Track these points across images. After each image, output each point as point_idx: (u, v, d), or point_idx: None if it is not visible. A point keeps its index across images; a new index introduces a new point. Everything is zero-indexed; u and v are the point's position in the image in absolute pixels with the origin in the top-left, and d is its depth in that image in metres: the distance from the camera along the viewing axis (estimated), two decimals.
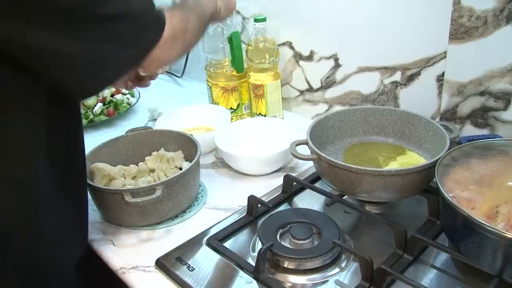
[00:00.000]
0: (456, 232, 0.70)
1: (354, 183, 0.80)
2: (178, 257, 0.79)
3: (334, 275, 0.74)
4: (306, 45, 1.23)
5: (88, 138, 0.75)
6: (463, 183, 0.73)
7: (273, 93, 1.20)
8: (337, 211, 0.89)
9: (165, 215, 0.90)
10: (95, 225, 0.92)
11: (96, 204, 0.92)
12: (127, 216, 0.88)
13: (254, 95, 1.22)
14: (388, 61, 1.05)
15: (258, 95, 1.21)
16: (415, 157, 0.95)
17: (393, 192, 0.81)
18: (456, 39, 0.91)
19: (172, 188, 0.87)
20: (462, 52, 0.91)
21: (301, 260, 0.74)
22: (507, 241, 0.61)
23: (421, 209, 0.87)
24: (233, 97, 1.26)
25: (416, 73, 1.01)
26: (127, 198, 0.82)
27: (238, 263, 0.77)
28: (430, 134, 0.93)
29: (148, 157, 1.03)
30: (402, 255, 0.76)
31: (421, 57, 0.99)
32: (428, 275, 0.74)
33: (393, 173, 0.77)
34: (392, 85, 1.07)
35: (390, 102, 1.09)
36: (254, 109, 1.25)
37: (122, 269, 0.80)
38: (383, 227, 0.81)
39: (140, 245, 0.86)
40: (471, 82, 0.92)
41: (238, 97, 1.26)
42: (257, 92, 1.20)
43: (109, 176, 0.94)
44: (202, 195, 0.98)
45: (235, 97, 1.26)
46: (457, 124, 0.97)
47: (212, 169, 1.10)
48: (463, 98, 0.95)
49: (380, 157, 0.96)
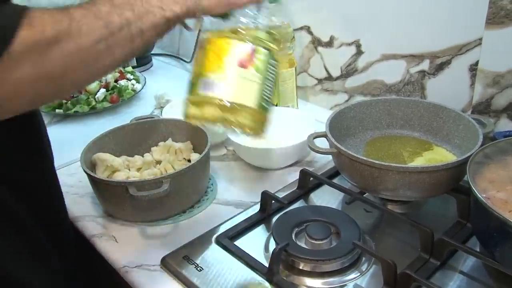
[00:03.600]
0: (490, 237, 0.68)
1: (376, 179, 0.78)
2: (186, 256, 0.78)
3: (353, 279, 0.73)
4: (326, 30, 1.20)
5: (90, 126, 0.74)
6: (498, 182, 0.70)
7: (287, 82, 1.18)
8: (357, 210, 0.87)
9: (172, 211, 0.89)
10: (97, 220, 0.91)
11: (98, 197, 0.91)
12: (131, 210, 0.87)
13: None
14: (416, 48, 1.03)
15: None
16: (443, 153, 0.93)
17: (419, 191, 0.79)
18: (494, 23, 0.88)
19: (180, 182, 0.85)
20: (500, 38, 0.88)
21: (317, 262, 0.73)
22: None
23: (449, 209, 0.85)
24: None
25: (446, 62, 0.98)
26: (132, 191, 0.81)
27: (250, 264, 0.75)
28: (460, 129, 0.90)
29: (155, 147, 1.02)
30: (428, 259, 0.74)
31: (452, 44, 0.96)
32: (457, 282, 0.72)
33: (420, 170, 0.75)
34: (419, 75, 1.04)
35: (416, 93, 1.07)
36: None
37: (125, 268, 0.79)
38: (407, 228, 0.79)
39: (145, 242, 0.85)
40: (509, 72, 0.89)
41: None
42: None
43: (112, 167, 0.93)
44: (212, 190, 0.97)
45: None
46: (492, 118, 0.95)
47: (223, 161, 1.08)
48: (499, 90, 0.92)
49: (404, 152, 0.93)
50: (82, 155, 0.90)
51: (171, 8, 0.60)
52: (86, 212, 0.93)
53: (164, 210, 0.88)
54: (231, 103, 0.65)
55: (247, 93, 0.66)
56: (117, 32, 0.55)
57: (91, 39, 0.53)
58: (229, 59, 0.67)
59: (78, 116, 1.31)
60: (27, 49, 0.48)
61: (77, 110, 1.29)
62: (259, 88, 0.67)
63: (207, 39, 0.69)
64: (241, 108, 0.65)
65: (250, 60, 0.67)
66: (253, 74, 0.67)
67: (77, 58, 0.53)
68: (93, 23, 0.54)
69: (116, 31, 0.55)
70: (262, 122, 0.68)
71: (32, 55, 0.48)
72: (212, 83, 0.66)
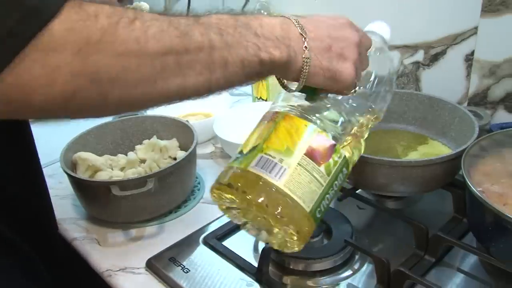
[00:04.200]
0: (486, 231, 0.69)
1: (369, 175, 0.79)
2: (172, 258, 0.79)
3: (346, 278, 0.74)
4: None
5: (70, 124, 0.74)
6: (494, 175, 0.71)
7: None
8: (350, 207, 0.88)
9: (157, 211, 0.89)
10: (78, 223, 0.91)
11: (79, 199, 0.92)
12: (115, 211, 0.87)
13: None
14: (409, 38, 1.04)
15: None
16: (439, 146, 0.94)
17: (413, 186, 0.80)
18: (489, 11, 0.89)
19: (165, 181, 0.86)
20: (496, 27, 0.90)
21: (309, 261, 0.74)
22: None
23: (445, 205, 0.86)
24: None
25: (441, 52, 1.00)
26: (115, 191, 0.81)
27: (238, 264, 0.76)
28: (456, 121, 0.92)
29: (139, 146, 1.03)
30: (423, 256, 0.76)
31: (447, 34, 0.97)
32: (453, 279, 0.73)
33: (413, 164, 0.76)
34: (413, 66, 1.06)
35: (411, 85, 1.08)
36: (255, 93, 1.24)
37: (108, 272, 0.79)
38: (401, 225, 0.81)
39: (129, 244, 0.85)
40: (506, 62, 0.91)
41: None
42: None
43: (94, 167, 0.93)
44: (199, 189, 0.98)
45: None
46: (488, 109, 0.96)
47: (211, 159, 1.09)
48: (496, 80, 0.93)
49: (398, 146, 0.94)
50: (61, 155, 0.90)
51: (269, 50, 0.52)
52: (67, 214, 0.93)
53: (149, 211, 0.88)
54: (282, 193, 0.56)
55: (306, 192, 0.58)
56: (194, 51, 0.47)
57: (158, 45, 0.45)
58: (302, 145, 0.59)
59: None
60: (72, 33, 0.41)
61: None
62: (321, 192, 0.59)
63: (284, 113, 0.62)
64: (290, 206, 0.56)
65: (325, 157, 0.60)
66: (322, 174, 0.59)
67: (135, 63, 0.44)
68: (166, 29, 0.46)
69: (193, 50, 0.47)
70: (303, 235, 0.58)
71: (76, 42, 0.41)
72: (273, 164, 0.57)
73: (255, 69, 0.52)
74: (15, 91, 0.40)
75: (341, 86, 0.59)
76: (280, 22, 0.55)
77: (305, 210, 0.57)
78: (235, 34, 0.50)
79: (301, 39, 0.55)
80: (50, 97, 0.41)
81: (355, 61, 0.60)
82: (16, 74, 0.39)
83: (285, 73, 0.56)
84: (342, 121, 0.64)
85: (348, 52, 0.59)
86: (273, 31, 0.54)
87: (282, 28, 0.55)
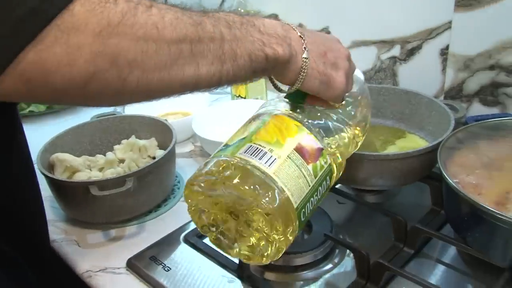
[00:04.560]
0: (462, 222, 0.70)
1: (346, 169, 0.79)
2: (153, 256, 0.79)
3: (327, 271, 0.75)
4: (294, 18, 1.22)
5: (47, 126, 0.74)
6: (469, 167, 0.73)
7: None
8: (330, 202, 0.89)
9: (137, 210, 0.89)
10: (57, 224, 0.91)
11: (57, 200, 0.91)
12: (94, 212, 0.87)
13: None
14: (386, 33, 1.06)
15: None
16: (416, 140, 0.95)
17: (392, 179, 0.81)
18: (462, 6, 0.91)
19: (144, 180, 0.86)
20: (469, 21, 0.92)
21: (289, 256, 0.74)
22: None
23: (423, 198, 0.88)
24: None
25: (417, 47, 1.01)
26: (93, 191, 0.81)
27: (220, 261, 0.77)
28: (432, 115, 0.93)
29: (117, 146, 1.02)
30: (402, 248, 0.77)
31: (422, 28, 0.99)
32: (432, 270, 0.74)
33: (391, 158, 0.78)
34: (390, 61, 1.07)
35: (388, 80, 1.10)
36: (233, 91, 1.25)
37: (88, 273, 0.79)
38: (381, 218, 0.82)
39: (109, 244, 0.85)
40: (479, 55, 0.93)
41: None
42: None
43: (72, 168, 0.93)
44: (179, 188, 0.98)
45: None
46: (464, 102, 0.98)
47: (190, 158, 1.10)
48: (471, 74, 0.95)
49: (377, 141, 0.96)
50: (38, 156, 0.89)
51: (273, 46, 0.55)
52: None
53: (129, 211, 0.88)
54: (272, 181, 0.55)
55: (295, 186, 0.57)
56: (207, 40, 0.49)
57: (175, 33, 0.46)
58: (291, 141, 0.59)
59: (33, 116, 1.30)
60: (93, 14, 0.42)
61: (33, 110, 1.28)
62: (308, 192, 0.59)
63: (273, 113, 0.64)
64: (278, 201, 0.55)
65: (313, 157, 0.60)
66: (309, 172, 0.59)
67: (153, 48, 0.45)
68: (180, 17, 0.47)
69: (206, 39, 0.49)
70: (285, 234, 0.57)
71: (97, 23, 0.42)
72: (263, 152, 0.57)
73: (261, 64, 0.54)
74: (36, 69, 0.41)
75: (332, 94, 0.62)
76: (280, 24, 0.58)
77: (293, 205, 0.56)
78: (242, 30, 0.53)
79: (301, 40, 0.58)
80: (70, 77, 0.42)
81: (346, 71, 0.63)
82: (37, 52, 0.40)
83: (285, 71, 0.59)
84: (328, 131, 0.65)
85: (341, 62, 0.63)
86: (275, 30, 0.56)
87: (283, 28, 0.57)
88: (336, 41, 0.66)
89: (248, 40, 0.53)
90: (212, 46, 0.49)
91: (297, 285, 0.73)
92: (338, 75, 0.62)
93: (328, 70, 0.61)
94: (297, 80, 0.59)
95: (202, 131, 1.04)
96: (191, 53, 0.48)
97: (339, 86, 0.62)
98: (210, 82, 0.51)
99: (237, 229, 0.59)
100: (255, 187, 0.54)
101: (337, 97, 0.64)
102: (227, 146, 0.60)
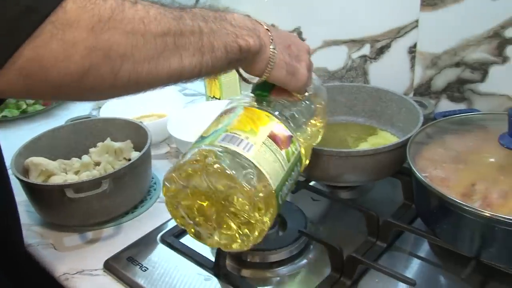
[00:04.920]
0: (431, 214, 0.72)
1: (319, 166, 0.81)
2: (130, 257, 0.80)
3: (302, 266, 0.76)
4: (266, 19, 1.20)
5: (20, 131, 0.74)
6: (437, 161, 0.75)
7: (229, 74, 1.21)
8: (305, 199, 0.90)
9: (113, 212, 0.90)
10: (33, 228, 0.91)
11: (32, 204, 0.91)
12: (70, 215, 0.87)
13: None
14: (356, 33, 1.07)
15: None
16: (387, 136, 0.97)
17: (363, 175, 0.83)
18: (428, 5, 0.93)
19: (120, 181, 0.87)
20: (434, 20, 0.94)
21: (265, 253, 0.76)
22: (483, 220, 0.63)
23: (396, 193, 0.89)
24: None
25: (386, 46, 1.03)
26: (69, 194, 0.81)
27: (196, 260, 0.78)
28: (402, 112, 0.95)
29: (93, 149, 1.02)
30: (375, 242, 0.79)
31: (391, 27, 1.01)
32: (404, 262, 0.76)
33: (362, 154, 0.79)
34: (361, 60, 1.09)
35: (359, 79, 1.11)
36: (208, 92, 1.26)
37: (65, 275, 0.79)
38: (354, 213, 0.83)
39: (86, 247, 0.85)
40: (445, 53, 0.95)
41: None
42: None
43: (47, 171, 0.93)
44: (155, 189, 0.99)
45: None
46: (432, 99, 1.00)
47: (166, 159, 1.10)
48: (438, 71, 0.98)
49: (349, 138, 0.98)
50: (12, 161, 0.89)
51: (245, 38, 0.58)
52: (21, 221, 0.92)
53: (105, 212, 0.88)
54: (252, 165, 0.58)
55: (272, 169, 0.60)
56: (188, 34, 0.52)
57: (160, 27, 0.49)
58: (264, 129, 0.62)
59: (7, 121, 1.29)
60: (84, 11, 0.44)
61: (6, 115, 1.27)
62: (283, 176, 0.62)
63: (246, 106, 0.66)
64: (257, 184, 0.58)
65: (285, 143, 0.63)
66: (283, 157, 0.62)
67: (141, 41, 0.47)
68: (164, 13, 0.50)
69: (187, 33, 0.52)
70: (267, 217, 0.59)
71: (89, 19, 0.44)
72: (240, 140, 0.60)
73: (236, 55, 0.58)
74: (34, 65, 0.42)
75: (296, 84, 0.66)
76: (247, 18, 0.61)
77: (272, 187, 0.59)
78: (216, 23, 0.56)
79: (268, 33, 0.62)
80: (67, 72, 0.44)
81: (308, 64, 0.67)
82: (35, 48, 0.42)
83: (255, 61, 0.62)
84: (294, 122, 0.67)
85: (303, 56, 0.67)
86: (245, 23, 0.60)
87: (251, 22, 0.61)
88: (297, 37, 0.71)
89: (223, 33, 0.56)
90: (192, 39, 0.52)
91: (273, 281, 0.75)
92: (302, 66, 0.66)
93: (293, 62, 0.65)
94: (266, 70, 0.63)
95: (178, 133, 1.04)
96: (175, 46, 0.51)
97: (302, 77, 0.66)
98: (192, 73, 0.54)
99: (216, 219, 0.61)
100: (237, 170, 0.57)
101: (301, 88, 0.68)
102: (203, 138, 0.63)
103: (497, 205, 0.65)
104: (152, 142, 0.96)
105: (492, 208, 0.65)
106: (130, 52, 0.47)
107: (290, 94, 0.69)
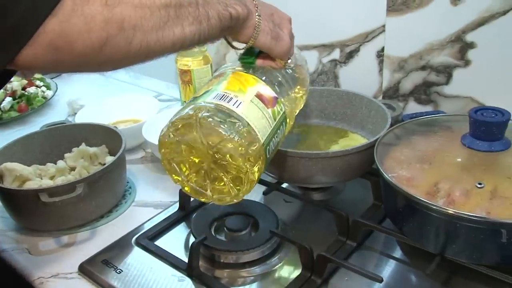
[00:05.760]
0: (398, 213, 0.74)
1: (290, 168, 0.82)
2: (104, 260, 0.80)
3: (274, 266, 0.77)
4: None
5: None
6: (403, 161, 0.77)
7: (203, 80, 1.22)
8: (277, 201, 0.92)
9: (88, 216, 0.90)
10: (7, 234, 0.90)
11: (7, 209, 0.90)
12: (45, 219, 0.87)
13: (182, 82, 1.23)
14: (326, 38, 1.09)
15: (186, 82, 1.22)
16: (358, 139, 0.99)
17: (333, 176, 0.84)
18: (393, 11, 0.96)
19: (95, 186, 0.87)
20: (400, 24, 0.96)
21: (237, 253, 0.77)
22: (447, 218, 0.65)
23: (367, 193, 0.91)
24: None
25: (355, 50, 1.05)
26: (44, 198, 0.81)
27: (170, 261, 0.78)
28: (372, 114, 0.97)
29: (68, 154, 1.02)
30: (345, 241, 0.80)
31: (359, 32, 1.03)
32: (374, 261, 0.78)
33: (331, 156, 0.80)
34: (331, 64, 1.11)
35: (330, 82, 1.13)
36: (183, 97, 1.26)
37: (39, 279, 0.79)
38: (326, 214, 0.85)
39: (61, 251, 0.85)
40: (411, 57, 0.97)
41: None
42: (184, 78, 1.22)
43: (22, 177, 0.92)
44: (130, 193, 0.99)
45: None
46: (400, 101, 1.02)
47: (141, 164, 1.10)
48: (405, 74, 1.00)
49: (321, 141, 0.99)
50: None
51: (234, 6, 0.64)
52: None
53: (80, 217, 0.88)
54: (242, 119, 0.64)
55: (260, 125, 0.65)
56: (186, 5, 0.58)
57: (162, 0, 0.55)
58: (251, 89, 0.68)
59: None
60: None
61: None
62: (270, 132, 0.67)
63: (233, 71, 0.71)
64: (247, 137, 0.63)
65: (271, 103, 0.69)
66: (270, 115, 0.68)
67: (148, 13, 0.53)
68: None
69: (185, 4, 0.58)
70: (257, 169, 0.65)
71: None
72: (229, 97, 0.65)
73: (227, 23, 0.63)
74: (62, 39, 0.48)
75: (280, 50, 0.71)
76: None
77: (261, 140, 0.65)
78: None
79: (253, 2, 0.68)
80: (89, 43, 0.49)
81: (289, 32, 0.73)
82: (60, 23, 0.47)
83: (243, 28, 0.67)
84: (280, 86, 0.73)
85: (285, 24, 0.74)
86: None
87: None
88: (277, 8, 0.75)
89: (214, 2, 0.61)
90: (190, 9, 0.58)
91: (247, 281, 0.76)
92: (284, 33, 0.72)
93: (276, 29, 0.70)
94: (252, 36, 0.67)
95: (153, 137, 1.04)
96: (176, 16, 0.56)
97: (285, 43, 0.71)
98: (192, 41, 0.59)
99: (208, 174, 0.66)
100: (228, 124, 0.62)
101: (284, 53, 0.73)
102: (195, 98, 0.68)
103: (459, 203, 0.67)
104: (127, 147, 0.96)
105: (455, 206, 0.66)
106: (140, 23, 0.52)
107: (274, 61, 0.74)
